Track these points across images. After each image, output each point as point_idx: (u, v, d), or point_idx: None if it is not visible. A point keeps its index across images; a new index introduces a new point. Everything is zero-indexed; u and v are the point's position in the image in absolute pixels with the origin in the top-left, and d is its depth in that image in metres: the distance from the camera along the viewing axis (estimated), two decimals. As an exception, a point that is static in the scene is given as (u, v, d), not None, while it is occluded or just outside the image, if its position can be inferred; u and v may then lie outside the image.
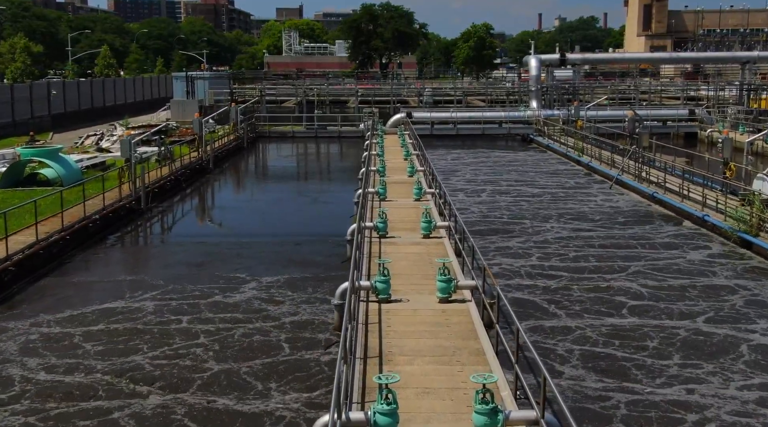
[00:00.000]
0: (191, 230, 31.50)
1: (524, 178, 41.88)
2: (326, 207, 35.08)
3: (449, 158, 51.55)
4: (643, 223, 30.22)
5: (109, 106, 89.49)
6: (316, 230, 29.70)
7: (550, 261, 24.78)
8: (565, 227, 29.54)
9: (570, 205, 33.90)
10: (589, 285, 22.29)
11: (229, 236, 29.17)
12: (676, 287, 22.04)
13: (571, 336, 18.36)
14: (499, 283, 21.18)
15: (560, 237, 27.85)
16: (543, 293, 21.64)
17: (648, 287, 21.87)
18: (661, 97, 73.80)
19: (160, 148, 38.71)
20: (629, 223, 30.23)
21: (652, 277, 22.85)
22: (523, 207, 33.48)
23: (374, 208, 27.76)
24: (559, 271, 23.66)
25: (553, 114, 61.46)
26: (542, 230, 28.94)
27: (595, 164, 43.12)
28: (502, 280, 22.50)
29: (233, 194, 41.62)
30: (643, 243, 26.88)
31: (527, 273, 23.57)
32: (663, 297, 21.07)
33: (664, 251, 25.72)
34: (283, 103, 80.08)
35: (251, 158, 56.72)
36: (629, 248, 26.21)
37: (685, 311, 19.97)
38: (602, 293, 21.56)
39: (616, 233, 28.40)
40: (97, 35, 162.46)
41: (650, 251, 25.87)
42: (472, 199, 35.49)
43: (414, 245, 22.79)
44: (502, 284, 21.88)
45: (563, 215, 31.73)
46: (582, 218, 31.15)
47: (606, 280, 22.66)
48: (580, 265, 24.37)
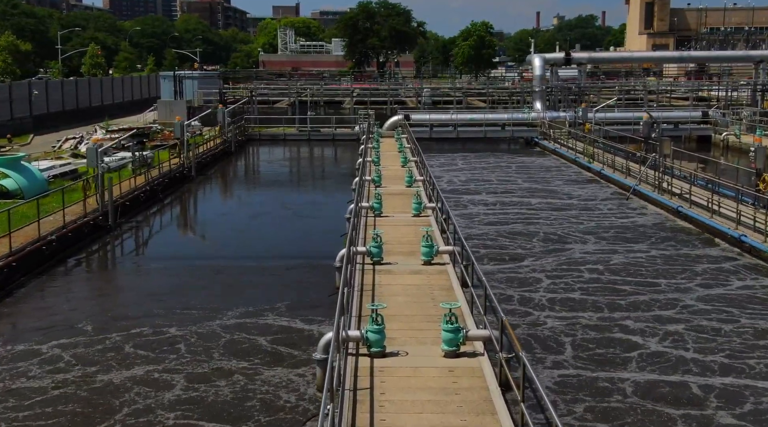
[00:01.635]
0: (161, 250, 28.05)
1: (533, 188, 38.60)
2: (316, 223, 31.70)
3: (450, 164, 48.36)
4: (674, 242, 26.94)
5: (96, 107, 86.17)
6: (303, 251, 26.42)
7: (575, 292, 21.45)
8: (588, 248, 26.25)
9: (588, 221, 30.66)
10: (639, 333, 18.33)
11: (204, 258, 25.90)
12: (754, 330, 18.60)
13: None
14: (517, 326, 18.06)
15: (584, 261, 24.53)
16: (578, 346, 17.81)
17: (721, 335, 18.28)
18: (670, 98, 70.61)
19: (135, 154, 35.32)
20: (658, 242, 26.96)
21: (717, 317, 19.40)
22: (535, 223, 30.20)
23: (368, 226, 24.78)
24: (593, 311, 20.02)
25: (558, 116, 58.25)
26: (561, 252, 25.67)
27: (608, 172, 39.91)
28: (518, 319, 19.26)
29: (215, 206, 38.01)
30: (684, 269, 23.50)
31: (549, 308, 20.26)
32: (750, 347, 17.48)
33: (709, 279, 22.43)
34: (276, 103, 76.86)
35: (239, 164, 53.35)
36: (671, 277, 22.66)
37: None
38: (671, 343, 17.65)
39: (648, 256, 25.11)
40: (89, 33, 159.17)
41: (696, 279, 22.44)
42: (477, 214, 32.24)
43: (413, 275, 19.67)
44: (518, 323, 18.71)
45: (583, 233, 28.49)
46: (604, 236, 27.86)
47: (662, 321, 18.97)
48: (618, 300, 20.75)
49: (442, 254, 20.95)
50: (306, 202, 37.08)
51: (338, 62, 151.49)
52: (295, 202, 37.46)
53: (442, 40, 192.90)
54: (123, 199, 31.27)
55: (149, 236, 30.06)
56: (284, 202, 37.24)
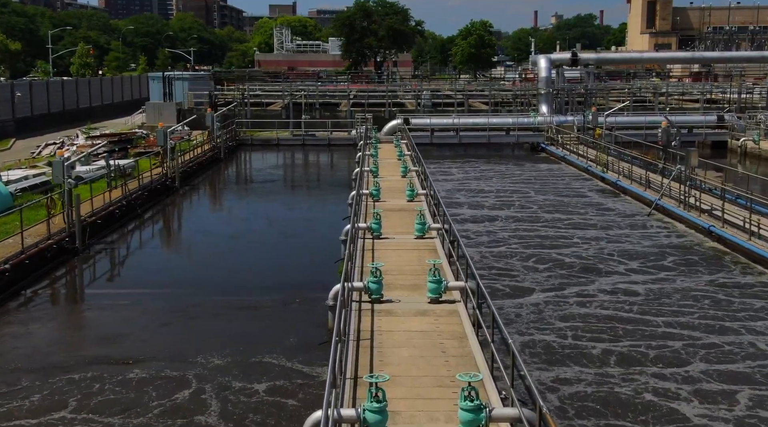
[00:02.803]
0: (131, 278, 24.82)
1: (545, 202, 35.45)
2: (307, 244, 28.52)
3: (453, 173, 45.39)
4: (711, 269, 23.94)
5: (83, 109, 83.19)
6: (291, 281, 23.29)
7: (622, 342, 18.22)
8: (618, 280, 23.14)
9: (610, 241, 27.63)
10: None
11: (178, 287, 22.85)
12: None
13: None
14: (548, 392, 15.13)
15: (621, 299, 21.32)
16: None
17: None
18: (682, 101, 67.61)
19: (109, 164, 32.22)
20: (694, 268, 23.97)
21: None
22: (551, 246, 27.16)
23: (366, 251, 21.90)
24: (659, 378, 16.51)
25: (566, 120, 55.25)
26: (587, 285, 22.61)
27: (625, 183, 36.94)
28: (557, 390, 16.28)
29: (197, 222, 34.47)
30: (735, 302, 20.51)
31: (591, 365, 17.16)
32: None
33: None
34: (270, 105, 73.74)
35: (228, 172, 50.07)
36: (733, 317, 19.70)
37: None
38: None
39: (687, 285, 22.08)
40: (81, 32, 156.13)
41: (753, 317, 19.53)
42: (487, 235, 29.21)
43: (419, 317, 16.79)
44: (548, 388, 15.78)
45: (608, 258, 25.47)
46: (634, 262, 24.72)
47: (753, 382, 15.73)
48: (684, 353, 17.34)
49: (452, 291, 18.09)
50: (297, 219, 33.76)
51: (335, 62, 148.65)
52: (286, 218, 34.18)
53: (441, 39, 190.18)
54: (94, 216, 28.30)
55: (121, 261, 26.89)
56: (273, 219, 34.03)
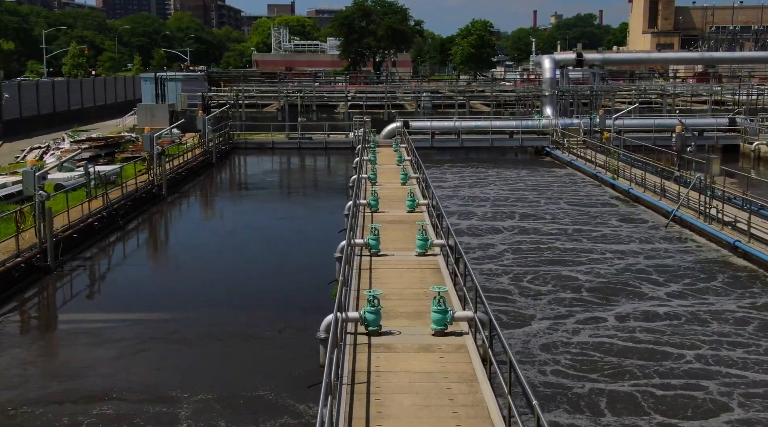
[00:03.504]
0: (103, 301, 22.59)
1: (554, 213, 33.34)
2: (299, 261, 26.32)
3: (455, 179, 43.33)
4: (741, 289, 21.85)
5: (75, 110, 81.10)
6: (280, 306, 21.24)
7: (654, 379, 16.38)
8: (641, 305, 21.09)
9: (626, 257, 25.56)
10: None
11: (153, 311, 20.76)
12: None
13: None
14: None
15: (650, 327, 19.38)
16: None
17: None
18: (690, 102, 65.57)
19: (88, 171, 30.02)
20: (722, 288, 21.92)
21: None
22: (563, 263, 25.08)
23: (363, 271, 19.94)
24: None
25: (572, 123, 53.20)
26: (607, 310, 20.59)
27: (638, 192, 34.86)
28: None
29: (181, 236, 31.97)
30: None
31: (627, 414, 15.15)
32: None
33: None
34: (265, 107, 71.70)
35: (219, 178, 47.76)
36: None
37: None
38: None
39: (717, 309, 20.08)
40: (76, 32, 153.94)
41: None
42: (492, 249, 27.17)
43: (422, 354, 14.79)
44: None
45: (626, 276, 23.46)
46: (656, 282, 22.72)
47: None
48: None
49: (459, 322, 16.08)
50: (290, 231, 31.46)
51: (333, 62, 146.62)
52: (278, 230, 31.82)
53: (440, 39, 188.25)
54: (71, 230, 26.25)
55: (96, 279, 24.70)
56: (265, 231, 31.50)
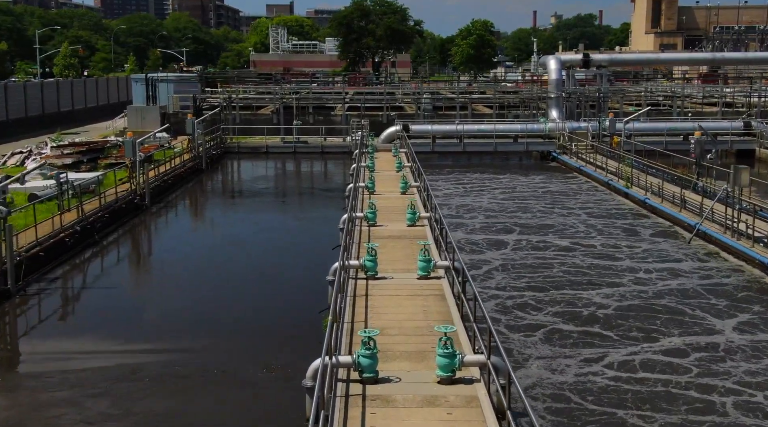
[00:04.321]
0: (66, 331, 19.87)
1: (565, 226, 30.98)
2: (288, 283, 23.77)
3: (459, 188, 40.96)
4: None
5: (65, 112, 78.78)
6: (264, 339, 18.88)
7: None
8: (677, 342, 18.78)
9: (651, 280, 23.19)
10: None
11: (120, 343, 18.37)
12: None
13: None
14: None
15: (683, 363, 17.17)
16: None
17: None
18: (702, 105, 63.15)
19: (60, 182, 27.53)
20: (761, 317, 19.64)
21: None
22: (583, 289, 22.65)
23: (358, 297, 17.68)
24: None
25: (579, 127, 50.83)
26: (640, 343, 18.29)
27: (655, 202, 32.49)
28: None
29: (161, 255, 28.80)
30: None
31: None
32: None
33: None
34: (260, 109, 69.29)
35: (208, 186, 45.09)
36: None
37: None
38: None
39: (760, 339, 17.83)
40: (72, 32, 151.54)
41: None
42: (503, 273, 24.73)
43: (426, 409, 12.47)
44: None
45: (652, 305, 21.10)
46: (688, 312, 20.37)
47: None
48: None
49: (469, 367, 13.70)
50: (281, 247, 28.81)
51: (332, 62, 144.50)
52: (268, 246, 29.20)
53: (439, 39, 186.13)
54: (38, 247, 23.89)
55: (62, 305, 22.14)
56: (253, 248, 28.74)
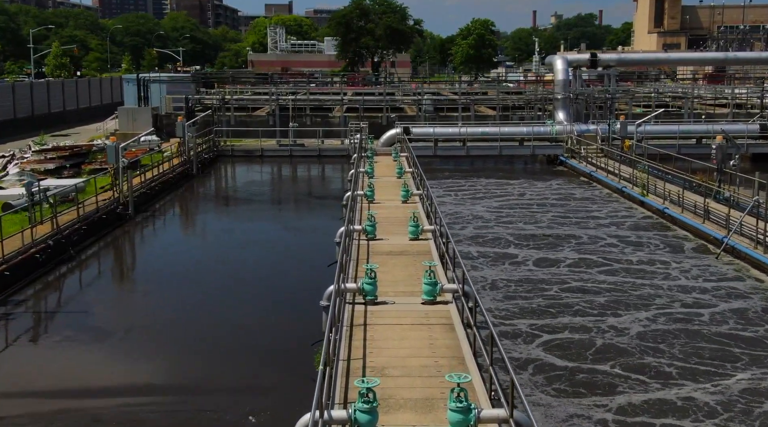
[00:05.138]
0: (25, 372, 17.45)
1: (580, 238, 28.86)
2: (277, 309, 21.42)
3: (464, 195, 38.81)
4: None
5: (55, 114, 76.56)
6: (246, 377, 16.70)
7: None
8: (709, 385, 16.75)
9: (675, 301, 21.09)
10: None
11: (79, 382, 16.21)
12: None
13: None
14: None
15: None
16: None
17: None
18: (715, 107, 60.96)
19: (32, 192, 25.24)
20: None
21: None
22: (607, 314, 20.52)
23: (355, 327, 15.60)
24: None
25: (588, 129, 48.65)
26: (682, 385, 16.16)
27: (674, 212, 30.32)
28: None
29: (140, 274, 26.08)
30: None
31: None
32: None
33: None
34: (257, 110, 67.08)
35: (198, 193, 42.58)
36: None
37: None
38: None
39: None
40: (67, 31, 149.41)
41: None
42: (511, 294, 22.59)
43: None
44: None
45: (689, 329, 19.00)
46: (723, 347, 18.31)
47: None
48: None
49: (487, 424, 11.53)
50: (272, 263, 26.40)
51: (331, 62, 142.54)
52: (258, 262, 26.61)
53: (439, 38, 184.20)
54: (4, 265, 21.70)
55: (23, 335, 19.86)
56: (240, 265, 26.06)
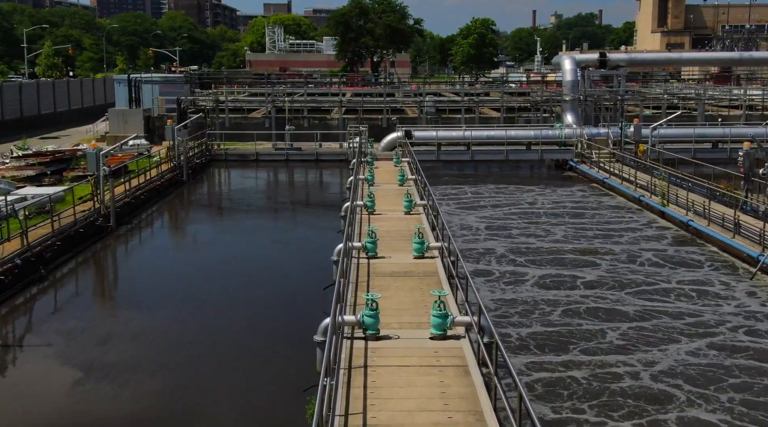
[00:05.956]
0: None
1: (607, 258, 26.63)
2: (265, 342, 18.82)
3: (470, 204, 36.54)
4: None
5: (46, 115, 74.24)
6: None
7: None
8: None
9: (714, 333, 18.85)
10: None
11: None
12: None
13: None
14: None
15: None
16: None
17: None
18: (728, 110, 58.71)
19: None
20: None
21: None
22: (632, 350, 18.35)
23: (354, 370, 13.43)
24: None
25: (598, 133, 46.33)
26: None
27: (700, 225, 28.00)
28: None
29: (115, 292, 23.60)
30: None
31: None
32: None
33: None
34: (253, 112, 64.81)
35: (187, 201, 40.17)
36: None
37: None
38: None
39: None
40: (62, 31, 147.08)
41: None
42: (532, 324, 20.30)
43: None
44: None
45: (720, 377, 16.77)
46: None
47: None
48: None
49: None
50: (262, 289, 23.28)
51: (330, 62, 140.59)
52: (247, 283, 23.86)
53: (439, 38, 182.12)
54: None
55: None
56: (228, 284, 23.46)
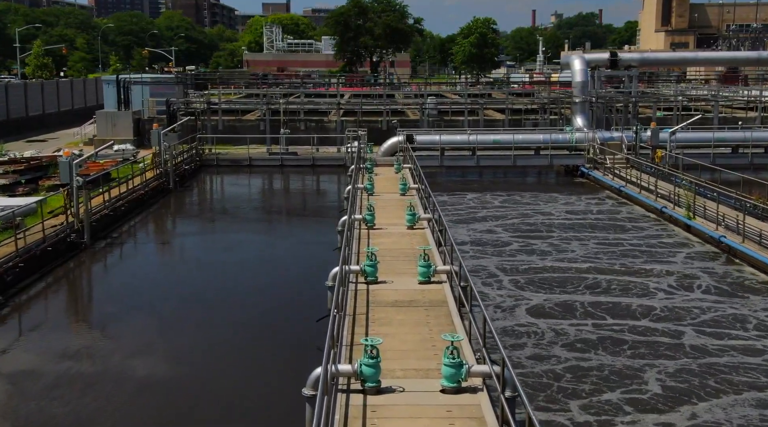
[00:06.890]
0: None
1: (636, 282, 24.10)
2: (248, 396, 16.27)
3: (476, 215, 33.99)
4: None
5: (33, 117, 71.66)
6: None
7: None
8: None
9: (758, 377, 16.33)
10: None
11: None
12: None
13: None
14: None
15: None
16: None
17: None
18: (746, 112, 56.14)
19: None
20: None
21: None
22: (706, 409, 15.83)
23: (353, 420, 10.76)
24: None
25: (611, 137, 43.74)
26: None
27: (734, 242, 25.38)
28: None
29: (83, 322, 20.58)
30: None
31: None
32: None
33: None
34: (247, 114, 62.25)
35: (172, 212, 37.44)
36: None
37: None
38: None
39: None
40: (57, 31, 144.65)
41: None
42: (550, 365, 17.74)
43: None
44: None
45: None
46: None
47: None
48: None
49: None
50: (246, 327, 19.93)
51: (329, 62, 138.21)
52: (230, 317, 20.57)
53: (439, 38, 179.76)
54: None
55: None
56: (211, 315, 20.52)
